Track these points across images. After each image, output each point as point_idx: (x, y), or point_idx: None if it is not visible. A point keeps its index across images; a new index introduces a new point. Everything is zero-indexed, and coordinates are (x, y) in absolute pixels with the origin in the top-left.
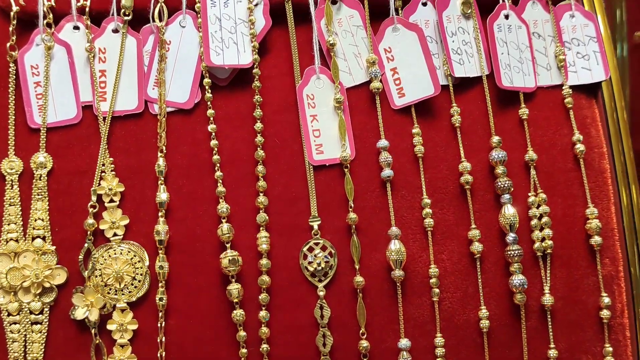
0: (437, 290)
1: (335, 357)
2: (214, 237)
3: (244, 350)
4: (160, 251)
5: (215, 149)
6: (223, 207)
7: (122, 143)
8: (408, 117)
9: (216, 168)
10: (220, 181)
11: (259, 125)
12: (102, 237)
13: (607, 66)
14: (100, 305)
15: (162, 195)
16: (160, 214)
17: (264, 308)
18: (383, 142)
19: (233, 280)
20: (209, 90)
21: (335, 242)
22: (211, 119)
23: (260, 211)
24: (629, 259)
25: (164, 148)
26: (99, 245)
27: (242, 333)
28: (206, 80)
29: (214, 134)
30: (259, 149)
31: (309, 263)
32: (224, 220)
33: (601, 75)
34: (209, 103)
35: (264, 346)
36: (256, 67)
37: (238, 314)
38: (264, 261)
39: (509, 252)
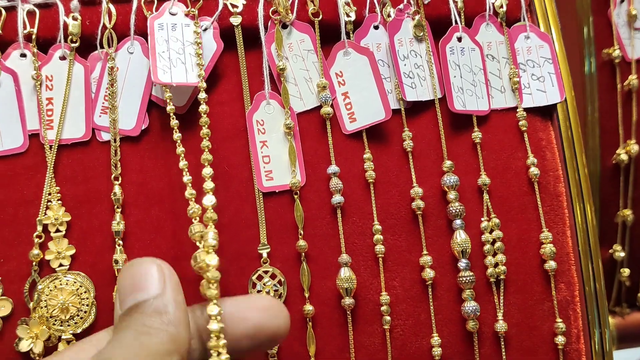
0: (388, 317)
1: None
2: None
3: None
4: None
5: (185, 167)
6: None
7: (69, 171)
8: (359, 142)
9: (188, 185)
10: (193, 200)
11: (207, 157)
12: (48, 267)
13: (562, 87)
14: (45, 337)
15: (120, 224)
16: (118, 243)
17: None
18: (333, 168)
19: None
20: (173, 116)
21: (284, 270)
22: (178, 141)
23: None
24: (584, 279)
25: (119, 176)
26: (44, 276)
27: None
28: (169, 108)
29: (182, 163)
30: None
31: (258, 292)
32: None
33: (556, 97)
34: (174, 126)
35: None
36: (202, 91)
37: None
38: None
39: (461, 279)
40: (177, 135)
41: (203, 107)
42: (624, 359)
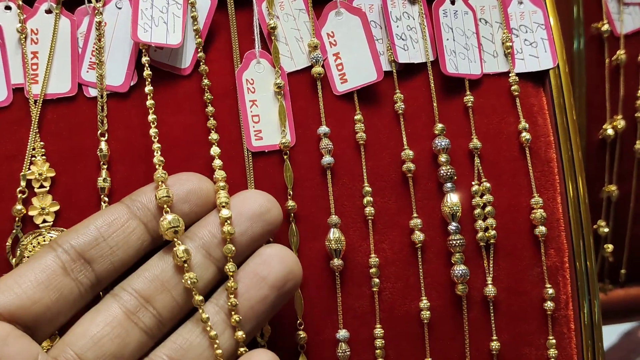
0: (377, 280)
1: (273, 348)
2: None
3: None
4: None
5: (155, 134)
6: (163, 192)
7: (54, 127)
8: (350, 104)
9: (156, 151)
10: (160, 166)
11: (210, 109)
12: (31, 223)
13: (555, 53)
14: None
15: (106, 180)
16: (103, 199)
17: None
18: (324, 129)
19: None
20: (148, 69)
21: None
22: (149, 102)
23: None
24: (574, 250)
25: (105, 133)
26: (27, 232)
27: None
28: (146, 73)
29: (151, 117)
30: (212, 132)
31: None
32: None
33: (549, 62)
34: (148, 92)
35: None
36: (201, 51)
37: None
38: None
39: (451, 242)
40: (150, 102)
41: (204, 67)
42: (606, 334)
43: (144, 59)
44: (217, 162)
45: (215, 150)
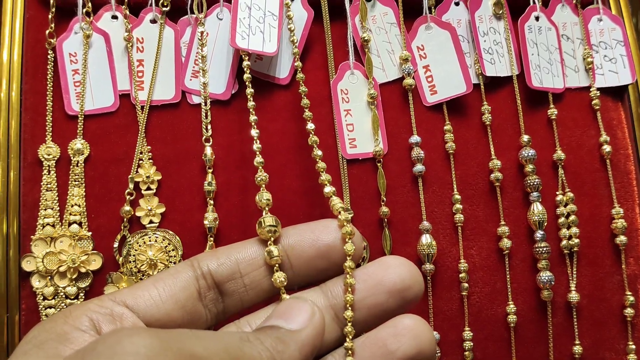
0: (466, 284)
1: None
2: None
3: None
4: (210, 238)
5: (256, 135)
6: (263, 196)
7: (159, 132)
8: (439, 114)
9: (257, 155)
10: (261, 168)
11: (308, 114)
12: (137, 224)
13: (634, 69)
14: None
15: (211, 184)
16: (209, 202)
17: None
18: (415, 138)
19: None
20: (248, 72)
21: (367, 234)
22: (252, 110)
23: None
24: None
25: (210, 138)
26: (133, 232)
27: None
28: (246, 76)
29: (252, 117)
30: (311, 134)
31: None
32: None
33: (628, 78)
34: (249, 95)
35: None
36: (297, 61)
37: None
38: None
39: (537, 249)
40: (250, 104)
41: (300, 75)
42: None
43: (245, 63)
44: (321, 165)
45: (317, 153)
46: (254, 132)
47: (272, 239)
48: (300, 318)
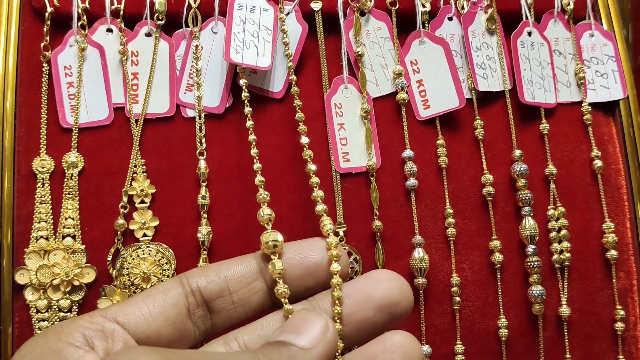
0: (458, 298)
1: None
2: (252, 243)
3: None
4: (204, 252)
5: (255, 155)
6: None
7: (153, 145)
8: (432, 129)
9: (257, 172)
10: (262, 186)
11: (302, 128)
12: (131, 237)
13: (625, 85)
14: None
15: (205, 197)
16: (203, 216)
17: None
18: (408, 152)
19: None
20: (245, 90)
21: (360, 248)
22: (248, 122)
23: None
24: None
25: (204, 152)
26: (127, 245)
27: None
28: (244, 95)
29: (251, 137)
30: (305, 148)
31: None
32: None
33: (619, 93)
34: (247, 107)
35: None
36: (292, 74)
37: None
38: None
39: (529, 263)
40: (249, 123)
41: (295, 89)
42: None
43: (242, 82)
44: (315, 180)
45: (311, 167)
46: (254, 152)
47: (277, 254)
48: (313, 334)
